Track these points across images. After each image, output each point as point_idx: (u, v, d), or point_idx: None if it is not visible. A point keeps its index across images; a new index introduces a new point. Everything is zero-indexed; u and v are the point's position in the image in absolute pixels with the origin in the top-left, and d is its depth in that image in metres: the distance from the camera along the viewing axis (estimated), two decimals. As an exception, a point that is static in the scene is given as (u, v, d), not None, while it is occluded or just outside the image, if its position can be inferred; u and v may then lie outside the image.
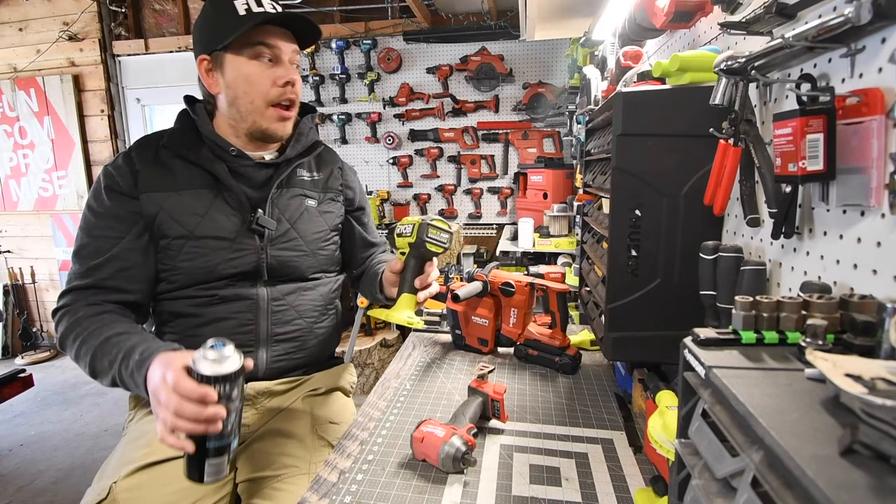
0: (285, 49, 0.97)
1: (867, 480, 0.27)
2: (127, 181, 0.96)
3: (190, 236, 0.96)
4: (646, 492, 0.72)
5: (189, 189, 0.98)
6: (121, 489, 0.84)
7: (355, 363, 2.93)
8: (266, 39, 0.95)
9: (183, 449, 0.70)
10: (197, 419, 0.68)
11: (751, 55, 0.63)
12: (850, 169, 0.53)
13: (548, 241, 2.60)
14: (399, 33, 3.26)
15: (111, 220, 0.95)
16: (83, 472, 2.26)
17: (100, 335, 0.86)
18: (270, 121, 0.99)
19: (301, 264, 1.06)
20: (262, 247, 1.01)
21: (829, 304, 0.45)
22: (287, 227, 1.04)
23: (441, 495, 0.75)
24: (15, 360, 3.65)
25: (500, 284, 1.24)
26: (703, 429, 0.42)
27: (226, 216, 0.99)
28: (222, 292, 0.99)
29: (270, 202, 1.02)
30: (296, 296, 1.06)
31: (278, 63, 0.97)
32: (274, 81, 0.96)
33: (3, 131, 3.71)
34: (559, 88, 3.10)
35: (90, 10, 3.48)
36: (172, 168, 0.98)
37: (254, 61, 0.95)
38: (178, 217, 0.96)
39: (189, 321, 0.99)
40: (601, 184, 0.99)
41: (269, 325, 1.02)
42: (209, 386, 0.68)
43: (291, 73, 0.98)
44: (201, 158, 0.99)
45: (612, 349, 0.87)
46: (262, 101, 0.97)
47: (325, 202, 1.13)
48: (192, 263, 0.97)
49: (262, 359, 1.02)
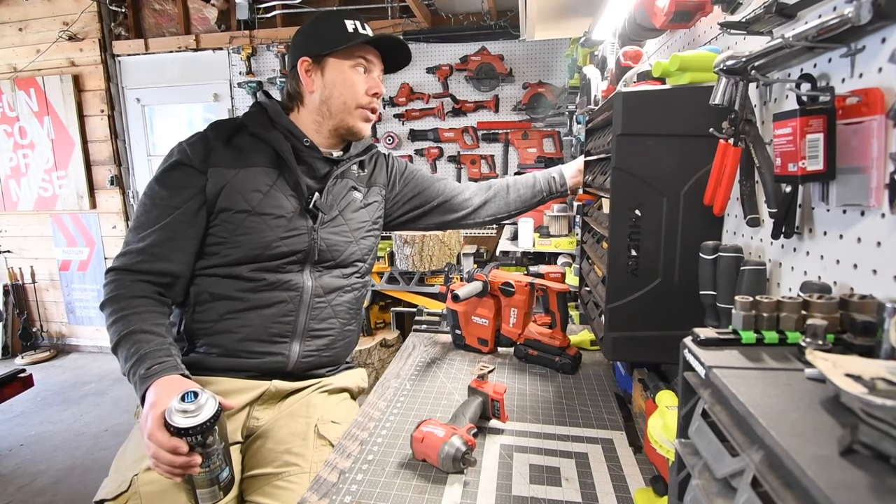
0: (377, 64, 1.13)
1: (867, 480, 0.27)
2: (199, 156, 1.03)
3: (252, 211, 1.02)
4: (646, 492, 0.72)
5: (256, 166, 1.06)
6: (143, 482, 0.85)
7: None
8: (366, 55, 1.10)
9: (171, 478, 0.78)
10: (171, 465, 0.75)
11: (751, 55, 0.63)
12: (850, 169, 0.53)
13: (548, 241, 2.60)
14: (399, 33, 3.25)
15: (172, 191, 1.01)
16: (83, 472, 2.26)
17: (129, 324, 0.92)
18: (356, 119, 1.12)
19: (346, 249, 1.13)
20: (315, 228, 1.08)
21: (829, 304, 0.45)
22: (336, 213, 1.13)
23: (441, 495, 0.75)
24: (15, 360, 3.66)
25: (500, 284, 1.24)
26: (703, 429, 0.42)
27: (285, 196, 1.06)
28: (270, 277, 1.03)
29: (327, 190, 1.11)
30: (335, 295, 1.12)
31: (370, 75, 1.11)
32: (367, 89, 1.10)
33: (3, 131, 3.71)
34: (559, 88, 3.09)
35: (90, 10, 3.48)
36: (243, 147, 1.07)
37: (354, 69, 1.09)
38: (242, 192, 1.03)
39: (229, 304, 1.02)
40: (601, 184, 0.98)
41: (307, 320, 1.07)
42: (180, 438, 0.75)
43: (381, 86, 1.13)
44: (272, 137, 1.07)
45: (612, 349, 0.87)
46: (354, 102, 1.10)
47: (371, 195, 1.23)
48: (249, 238, 1.02)
49: (294, 351, 1.06)
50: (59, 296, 3.90)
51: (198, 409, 0.76)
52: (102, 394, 3.03)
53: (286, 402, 1.06)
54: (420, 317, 1.53)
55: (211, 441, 0.77)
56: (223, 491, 0.81)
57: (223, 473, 0.81)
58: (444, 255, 2.89)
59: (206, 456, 0.77)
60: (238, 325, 1.02)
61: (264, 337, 1.03)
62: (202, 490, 0.79)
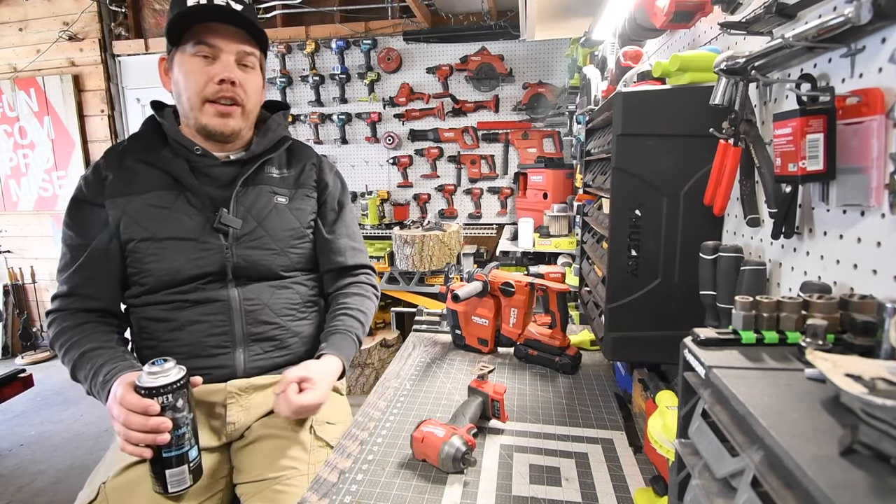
0: (227, 47, 0.97)
1: (867, 480, 0.27)
2: (93, 190, 0.99)
3: (153, 238, 0.97)
4: (646, 492, 0.72)
5: (150, 191, 0.99)
6: (111, 488, 0.85)
7: (355, 363, 2.93)
8: (205, 37, 0.95)
9: (140, 455, 0.77)
10: (143, 429, 0.75)
11: (751, 55, 0.63)
12: (850, 169, 0.53)
13: (548, 241, 2.60)
14: (399, 33, 3.26)
15: (79, 230, 0.99)
16: (83, 472, 2.26)
17: (79, 348, 0.93)
18: (208, 117, 0.99)
19: (271, 263, 1.05)
20: (228, 246, 1.01)
21: (829, 304, 0.45)
22: (254, 225, 1.03)
23: (441, 495, 0.75)
24: (15, 360, 3.65)
25: (500, 284, 1.24)
26: (703, 429, 0.42)
27: (188, 216, 0.99)
28: (191, 296, 0.99)
29: (235, 200, 1.02)
30: (269, 294, 1.05)
31: (217, 61, 0.97)
32: (210, 78, 0.96)
33: (3, 131, 3.71)
34: (559, 88, 3.09)
35: (90, 10, 3.48)
36: (136, 172, 1.00)
37: (194, 58, 0.96)
38: (140, 220, 0.98)
39: (163, 325, 1.00)
40: (601, 184, 0.98)
41: (244, 325, 1.02)
42: (151, 398, 0.77)
43: (230, 70, 0.97)
44: (160, 159, 1.00)
45: (612, 349, 0.87)
46: (198, 97, 0.97)
47: (298, 199, 1.10)
48: (158, 265, 0.98)
49: (239, 360, 1.02)
50: (59, 296, 3.90)
51: (166, 371, 0.78)
52: (102, 394, 3.03)
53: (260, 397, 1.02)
54: (420, 317, 1.53)
55: (182, 406, 0.79)
56: (192, 475, 0.81)
57: (193, 451, 0.81)
58: (444, 255, 2.89)
59: (176, 422, 0.78)
60: (177, 346, 0.99)
61: (204, 352, 0.99)
62: (172, 470, 0.79)
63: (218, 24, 0.96)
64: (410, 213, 3.50)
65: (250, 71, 1.02)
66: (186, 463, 0.80)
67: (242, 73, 1.00)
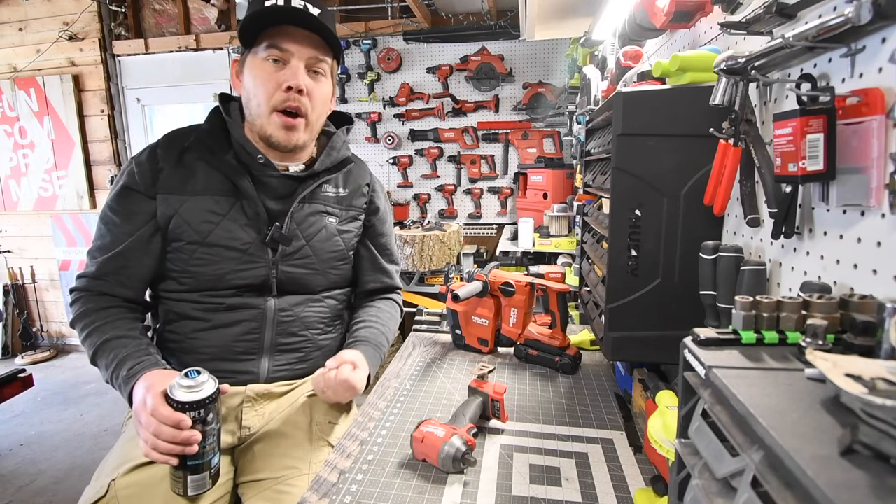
0: (298, 52, 0.93)
1: (867, 480, 0.27)
2: (146, 180, 0.96)
3: (202, 243, 0.96)
4: (646, 492, 0.72)
5: (207, 195, 0.97)
6: (120, 486, 0.84)
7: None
8: (278, 40, 0.92)
9: (166, 462, 0.77)
10: (173, 441, 0.75)
11: (751, 55, 0.63)
12: (850, 169, 0.53)
13: (548, 241, 2.60)
14: (399, 33, 3.26)
15: (124, 217, 0.97)
16: (83, 472, 2.26)
17: (103, 333, 0.92)
18: (274, 128, 0.96)
19: (310, 282, 1.06)
20: (274, 261, 1.00)
21: (829, 304, 0.45)
22: (302, 243, 1.03)
23: (441, 495, 0.75)
24: (15, 360, 3.65)
25: (500, 284, 1.24)
26: (703, 429, 0.42)
27: (240, 226, 0.98)
28: (230, 301, 0.99)
29: (290, 217, 1.00)
30: (303, 307, 1.05)
31: (287, 66, 0.93)
32: (279, 84, 0.93)
33: (3, 131, 3.71)
34: (559, 88, 3.09)
35: (90, 9, 3.48)
36: (195, 170, 0.97)
37: (265, 63, 0.93)
38: (192, 222, 0.96)
39: (194, 324, 0.99)
40: (601, 184, 0.98)
41: (273, 335, 1.02)
42: (184, 412, 0.76)
43: (299, 77, 0.93)
44: (223, 164, 0.97)
45: (612, 349, 0.87)
46: (266, 104, 0.94)
47: (347, 221, 1.10)
48: (202, 269, 0.97)
49: (263, 367, 1.02)
50: (59, 296, 3.89)
51: (200, 385, 0.77)
52: (102, 394, 3.03)
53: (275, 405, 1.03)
54: (420, 317, 1.53)
55: (211, 419, 0.78)
56: (212, 479, 0.82)
57: (215, 458, 0.81)
58: (444, 255, 2.89)
59: (204, 434, 0.78)
60: (203, 345, 0.99)
61: (230, 356, 0.99)
62: (194, 476, 0.79)
63: (292, 28, 0.92)
64: (410, 213, 3.50)
65: (321, 78, 0.99)
66: (208, 469, 0.80)
67: (312, 81, 0.96)
